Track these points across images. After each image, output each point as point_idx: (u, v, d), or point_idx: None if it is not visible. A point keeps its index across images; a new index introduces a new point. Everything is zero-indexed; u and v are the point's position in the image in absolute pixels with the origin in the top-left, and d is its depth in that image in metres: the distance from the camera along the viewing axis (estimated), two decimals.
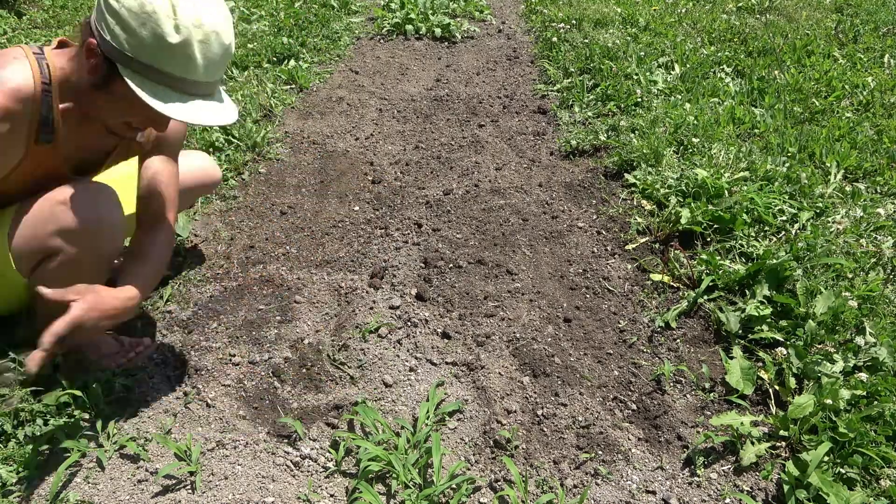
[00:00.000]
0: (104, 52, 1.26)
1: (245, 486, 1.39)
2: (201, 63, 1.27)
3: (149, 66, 1.25)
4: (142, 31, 1.21)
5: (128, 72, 1.26)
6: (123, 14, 1.21)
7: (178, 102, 1.28)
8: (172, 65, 1.25)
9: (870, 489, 1.43)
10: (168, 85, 1.27)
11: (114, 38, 1.23)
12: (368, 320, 1.95)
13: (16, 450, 1.39)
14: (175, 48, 1.23)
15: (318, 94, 3.70)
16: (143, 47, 1.23)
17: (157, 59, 1.24)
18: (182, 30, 1.23)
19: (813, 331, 1.79)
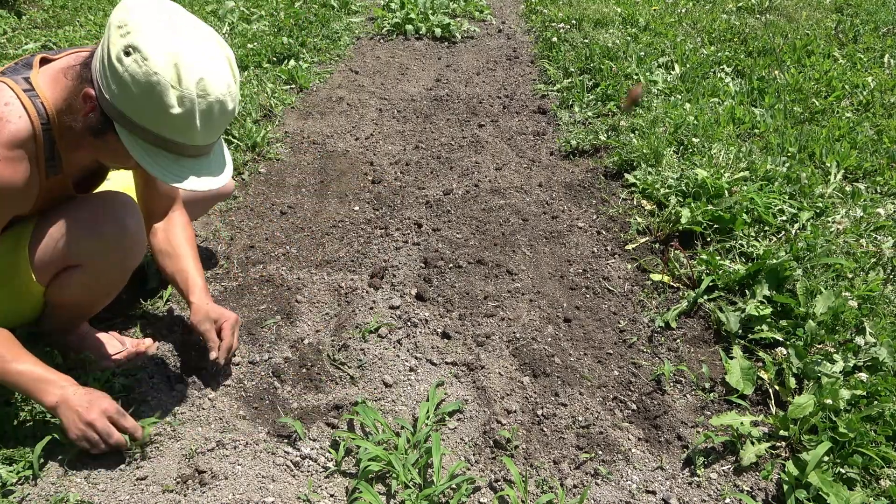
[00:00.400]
0: (102, 106, 1.23)
1: (245, 486, 1.39)
2: (200, 131, 1.25)
3: (146, 130, 1.23)
4: (144, 99, 1.19)
5: (124, 132, 1.24)
6: (126, 80, 1.18)
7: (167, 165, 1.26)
8: (171, 132, 1.23)
9: (870, 489, 1.43)
10: (163, 147, 1.25)
11: (114, 97, 1.21)
12: (368, 320, 1.95)
13: (16, 450, 1.39)
14: (176, 118, 1.21)
15: (318, 94, 3.70)
16: (143, 114, 1.21)
17: (156, 125, 1.22)
18: (186, 102, 1.20)
19: (813, 331, 1.79)
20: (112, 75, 1.19)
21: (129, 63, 1.17)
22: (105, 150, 1.34)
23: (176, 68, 1.18)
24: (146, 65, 1.16)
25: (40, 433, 1.44)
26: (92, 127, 1.27)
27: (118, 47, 1.17)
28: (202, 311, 1.62)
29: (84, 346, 1.67)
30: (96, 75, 1.23)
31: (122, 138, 1.24)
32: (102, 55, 1.21)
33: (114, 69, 1.18)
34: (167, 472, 1.41)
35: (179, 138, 1.24)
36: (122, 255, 1.47)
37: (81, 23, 4.43)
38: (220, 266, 2.18)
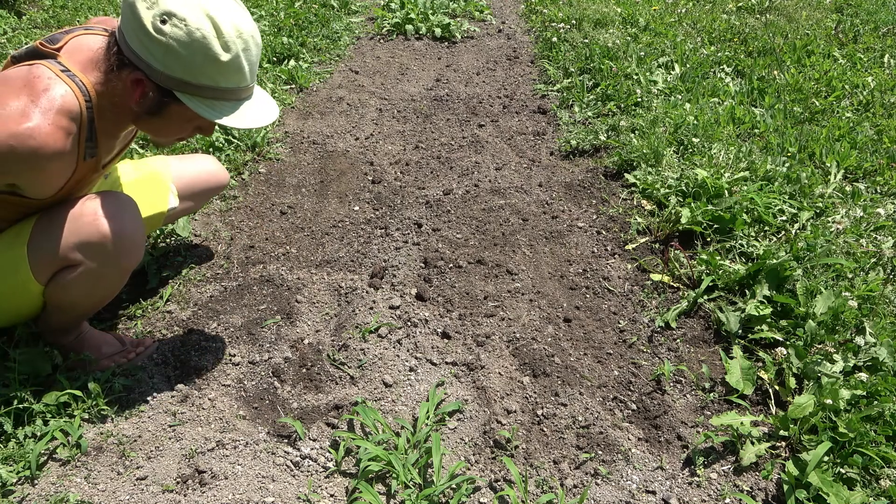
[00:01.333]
0: (156, 81, 1.29)
1: (245, 486, 1.39)
2: (247, 70, 1.35)
3: (203, 87, 1.30)
4: (194, 57, 1.26)
5: (185, 96, 1.31)
6: (173, 45, 1.24)
7: (231, 112, 1.35)
8: (225, 79, 1.32)
9: (870, 489, 1.43)
10: (221, 97, 1.33)
11: (166, 67, 1.27)
12: (368, 320, 1.95)
13: (16, 450, 1.39)
14: (227, 64, 1.29)
15: (318, 94, 3.70)
16: (198, 71, 1.28)
17: (211, 77, 1.30)
18: (230, 46, 1.28)
19: (813, 331, 1.79)
20: (157, 48, 1.24)
21: (170, 29, 1.23)
22: (168, 127, 1.42)
23: (211, 19, 1.25)
24: (186, 25, 1.23)
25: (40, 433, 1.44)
26: (150, 107, 1.34)
27: (151, 19, 1.22)
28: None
29: (84, 346, 1.67)
30: (138, 56, 1.27)
31: (187, 103, 1.31)
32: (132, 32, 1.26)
33: (157, 41, 1.23)
34: (167, 472, 1.41)
35: (233, 83, 1.33)
36: (120, 255, 1.47)
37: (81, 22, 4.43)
38: (221, 266, 2.18)
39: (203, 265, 2.18)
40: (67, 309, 1.55)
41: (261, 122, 1.38)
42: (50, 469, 1.40)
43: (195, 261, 2.19)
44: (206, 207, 2.49)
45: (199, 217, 2.43)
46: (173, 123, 1.41)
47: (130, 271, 1.55)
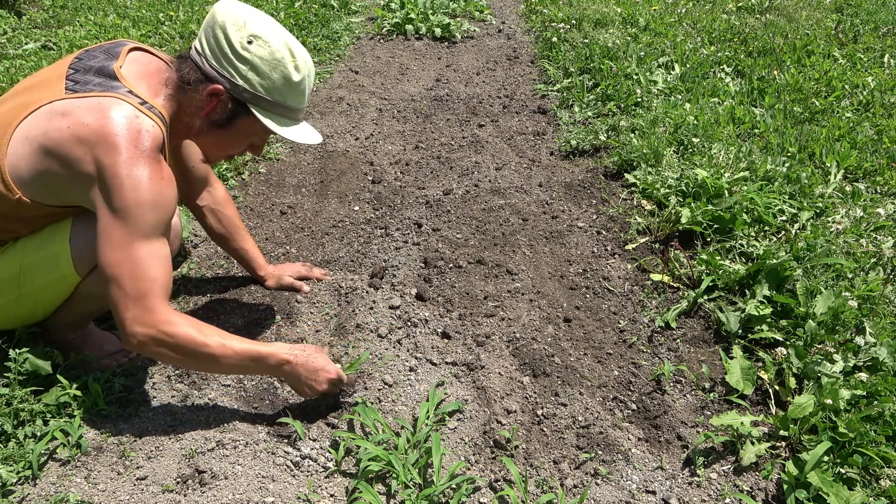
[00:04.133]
0: (233, 94, 1.43)
1: (245, 486, 1.39)
2: (306, 95, 1.53)
3: (274, 103, 1.46)
4: (273, 74, 1.43)
5: (257, 109, 1.46)
6: (257, 62, 1.41)
7: (294, 129, 1.52)
8: (293, 98, 1.48)
9: (870, 489, 1.43)
10: (284, 115, 1.50)
11: (247, 82, 1.42)
12: (368, 320, 1.95)
13: (16, 450, 1.39)
14: (297, 85, 1.47)
15: (318, 94, 3.70)
16: (274, 88, 1.44)
17: (283, 95, 1.46)
18: (301, 69, 1.47)
19: (813, 331, 1.79)
20: (241, 64, 1.41)
21: (256, 48, 1.40)
22: (228, 141, 1.54)
23: (287, 46, 1.44)
24: (269, 46, 1.41)
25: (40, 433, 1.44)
26: (219, 120, 1.47)
27: (239, 39, 1.39)
28: (271, 279, 2.07)
29: (87, 343, 1.67)
30: (217, 70, 1.41)
31: (259, 115, 1.45)
32: (217, 52, 1.41)
33: (242, 57, 1.40)
34: (167, 472, 1.41)
35: (296, 103, 1.50)
36: None
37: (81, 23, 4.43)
38: (221, 266, 2.18)
39: (203, 265, 2.18)
40: (97, 299, 1.56)
41: (313, 140, 1.56)
42: (50, 469, 1.40)
43: (195, 261, 2.19)
44: None
45: None
46: (235, 137, 1.53)
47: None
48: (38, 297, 1.52)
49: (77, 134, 1.31)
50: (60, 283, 1.50)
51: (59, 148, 1.32)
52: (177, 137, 1.54)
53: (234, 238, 1.97)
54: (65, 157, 1.32)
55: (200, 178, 1.89)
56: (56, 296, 1.54)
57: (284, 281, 2.06)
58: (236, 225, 1.97)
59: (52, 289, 1.51)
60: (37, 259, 1.47)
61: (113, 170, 1.30)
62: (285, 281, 2.06)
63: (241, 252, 2.00)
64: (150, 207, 1.34)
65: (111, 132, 1.31)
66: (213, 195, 1.92)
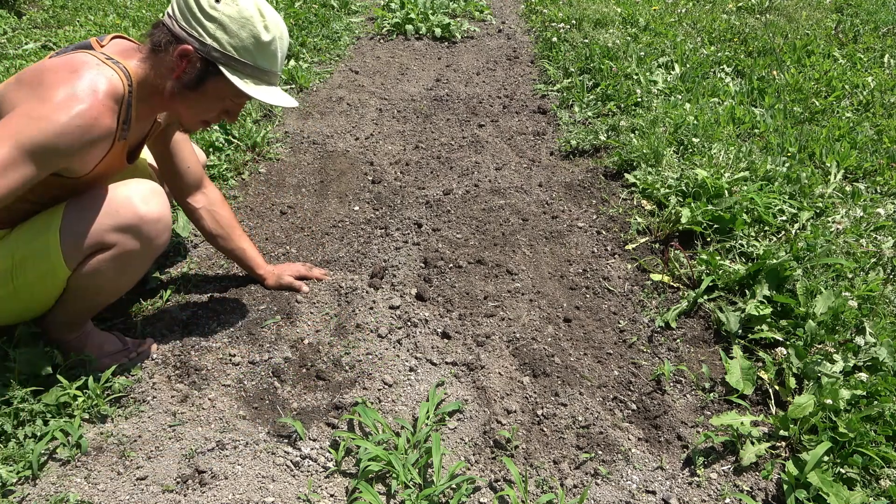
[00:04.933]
0: (202, 55, 1.43)
1: (245, 486, 1.39)
2: (280, 57, 1.52)
3: (244, 63, 1.45)
4: (241, 32, 1.42)
5: (227, 69, 1.45)
6: (225, 20, 1.41)
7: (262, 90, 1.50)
8: (263, 60, 1.47)
9: (870, 489, 1.43)
10: (256, 77, 1.49)
11: (215, 40, 1.42)
12: (368, 320, 1.95)
13: (16, 450, 1.39)
14: (267, 45, 1.46)
15: (318, 94, 3.70)
16: (243, 47, 1.44)
17: (252, 56, 1.46)
18: (271, 29, 1.46)
19: (813, 331, 1.79)
20: (209, 23, 1.40)
21: (223, 7, 1.40)
22: (200, 104, 1.52)
23: (256, 5, 1.43)
24: (237, 5, 1.41)
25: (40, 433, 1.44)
26: (189, 81, 1.46)
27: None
28: (271, 278, 2.07)
29: (85, 345, 1.67)
30: (187, 31, 1.42)
31: (228, 75, 1.44)
32: (186, 13, 1.41)
33: (210, 16, 1.40)
34: (167, 472, 1.41)
35: (268, 65, 1.49)
36: (154, 236, 1.52)
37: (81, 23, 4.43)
38: (221, 266, 2.18)
39: (203, 265, 2.18)
40: (90, 295, 1.56)
41: (286, 103, 1.54)
42: (50, 469, 1.40)
43: (195, 261, 2.19)
44: None
45: None
46: (207, 100, 1.52)
47: (159, 253, 1.59)
48: (32, 291, 1.52)
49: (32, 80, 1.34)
50: (52, 275, 1.49)
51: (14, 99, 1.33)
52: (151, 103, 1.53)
53: (231, 237, 1.97)
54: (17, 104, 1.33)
55: (195, 180, 1.89)
56: (50, 289, 1.53)
57: (284, 280, 2.06)
58: (232, 224, 1.97)
59: (44, 282, 1.51)
60: (28, 252, 1.47)
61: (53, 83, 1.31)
62: (285, 280, 2.06)
63: (238, 252, 2.00)
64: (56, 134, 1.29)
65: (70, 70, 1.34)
66: (208, 196, 1.93)
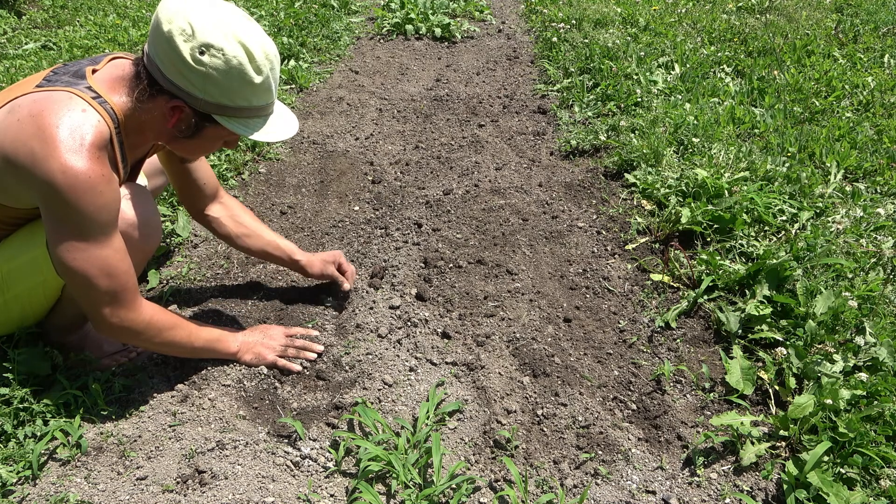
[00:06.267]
0: (195, 108, 1.37)
1: (245, 486, 1.39)
2: (273, 87, 1.43)
3: (239, 108, 1.38)
4: (232, 83, 1.33)
5: (222, 118, 1.39)
6: (213, 74, 1.31)
7: (261, 126, 1.44)
8: (257, 98, 1.40)
9: (870, 489, 1.43)
10: (253, 115, 1.42)
11: (206, 94, 1.34)
12: (368, 320, 1.95)
13: (16, 450, 1.39)
14: (259, 86, 1.38)
15: (318, 94, 3.70)
16: (235, 95, 1.36)
17: (246, 99, 1.38)
18: (262, 69, 1.36)
19: (813, 331, 1.79)
20: (196, 77, 1.31)
21: (209, 59, 1.30)
22: (200, 147, 1.50)
23: (243, 46, 1.32)
24: (223, 54, 1.30)
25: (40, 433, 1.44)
26: (184, 131, 1.42)
27: (189, 52, 1.29)
28: (316, 263, 1.96)
29: (86, 344, 1.67)
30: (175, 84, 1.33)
31: (224, 124, 1.39)
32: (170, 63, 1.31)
33: (196, 71, 1.30)
34: (167, 472, 1.41)
35: (263, 101, 1.42)
36: (143, 240, 1.51)
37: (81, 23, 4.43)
38: (221, 266, 2.18)
39: (203, 265, 2.18)
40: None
41: (287, 135, 1.48)
42: (50, 469, 1.40)
43: (195, 261, 2.19)
44: None
45: None
46: (207, 143, 1.49)
47: (150, 256, 1.59)
48: (24, 302, 1.51)
49: (22, 127, 1.27)
50: (44, 286, 1.49)
51: (5, 142, 1.27)
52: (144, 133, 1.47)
53: (260, 234, 1.91)
54: (6, 152, 1.27)
55: (212, 193, 1.87)
56: (43, 300, 1.53)
57: (328, 271, 1.97)
58: (257, 222, 1.93)
59: (37, 293, 1.50)
60: (16, 265, 1.46)
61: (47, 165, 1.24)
62: (328, 271, 1.97)
63: (271, 246, 1.92)
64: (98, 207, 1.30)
65: (50, 126, 1.26)
66: (226, 204, 1.90)
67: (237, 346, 1.69)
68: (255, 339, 1.73)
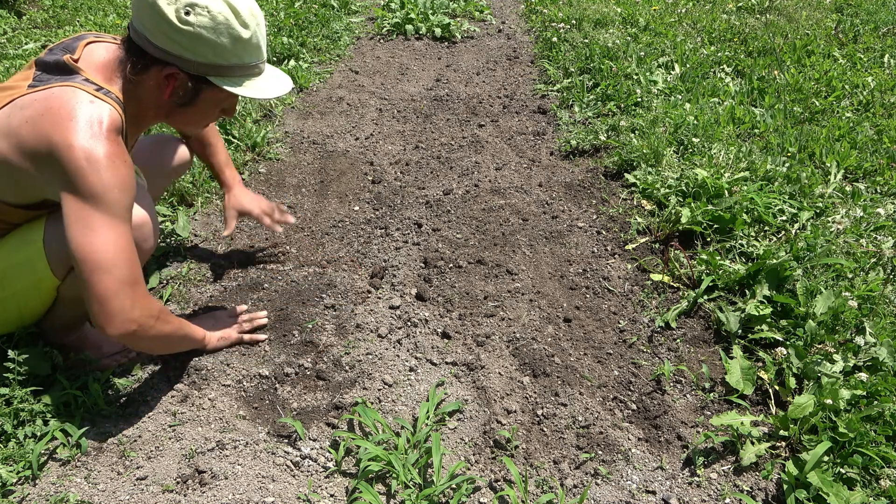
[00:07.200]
0: (189, 72, 1.38)
1: (245, 486, 1.39)
2: (262, 44, 1.45)
3: (232, 66, 1.40)
4: (221, 39, 1.35)
5: (218, 79, 1.40)
6: (201, 32, 1.33)
7: (257, 85, 1.45)
8: (248, 55, 1.42)
9: (870, 489, 1.43)
10: (246, 74, 1.43)
11: (197, 55, 1.35)
12: (368, 320, 1.95)
13: (16, 450, 1.39)
14: (248, 41, 1.39)
15: (318, 94, 3.70)
16: (226, 52, 1.37)
17: (237, 56, 1.39)
18: (248, 23, 1.38)
19: (813, 331, 1.79)
20: (185, 38, 1.32)
21: (195, 18, 1.31)
22: (198, 115, 1.51)
23: (227, 3, 1.34)
24: (209, 11, 1.32)
25: (40, 433, 1.44)
26: (181, 98, 1.43)
27: (175, 13, 1.30)
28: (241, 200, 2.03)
29: (85, 344, 1.67)
30: (166, 51, 1.34)
31: (221, 84, 1.40)
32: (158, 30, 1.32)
33: (184, 32, 1.32)
34: (167, 472, 1.41)
35: (254, 58, 1.43)
36: (142, 239, 1.51)
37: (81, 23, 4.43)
38: (221, 266, 2.18)
39: (203, 265, 2.18)
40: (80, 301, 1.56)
41: (282, 91, 1.49)
42: (50, 469, 1.40)
43: (195, 261, 2.19)
44: (206, 207, 2.49)
45: (199, 217, 2.43)
46: (204, 109, 1.49)
47: (147, 257, 1.59)
48: (19, 302, 1.51)
49: (35, 122, 1.29)
50: (39, 287, 1.49)
51: (18, 139, 1.30)
52: (144, 121, 1.51)
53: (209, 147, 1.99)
54: (24, 147, 1.30)
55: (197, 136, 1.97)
56: (38, 300, 1.53)
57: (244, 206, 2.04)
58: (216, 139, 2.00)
59: (31, 293, 1.50)
60: (10, 265, 1.46)
61: (71, 153, 1.27)
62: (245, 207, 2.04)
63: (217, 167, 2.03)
64: (119, 190, 1.32)
65: (67, 117, 1.29)
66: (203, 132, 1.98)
67: (202, 334, 1.70)
68: (211, 324, 1.78)
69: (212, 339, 1.74)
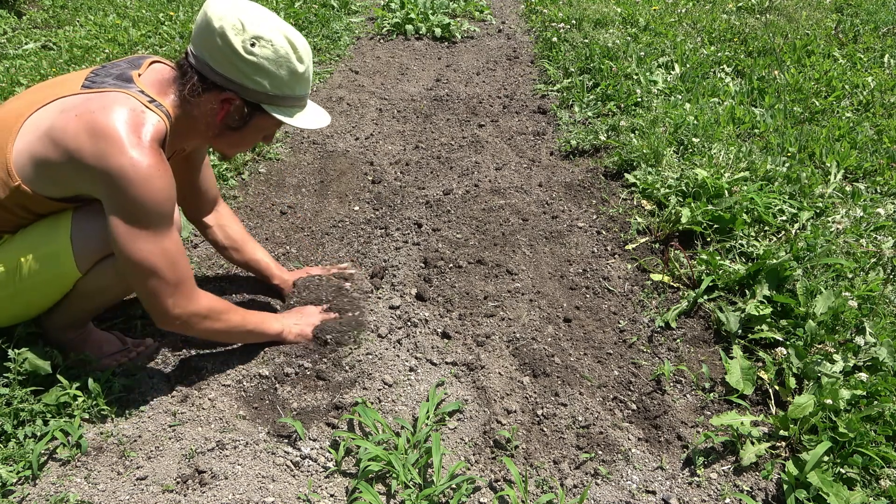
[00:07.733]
0: (245, 99, 1.46)
1: (245, 486, 1.39)
2: (311, 78, 1.55)
3: (285, 97, 1.49)
4: (280, 71, 1.44)
5: (271, 107, 1.48)
6: (264, 64, 1.42)
7: (304, 116, 1.55)
8: (300, 88, 1.52)
9: (870, 489, 1.43)
10: (294, 105, 1.53)
11: (256, 84, 1.44)
12: (368, 320, 1.95)
13: (16, 450, 1.39)
14: (303, 75, 1.50)
15: (318, 94, 3.70)
16: (283, 84, 1.46)
17: (291, 88, 1.49)
18: (304, 58, 1.48)
19: (813, 331, 1.79)
20: (248, 67, 1.41)
21: (260, 50, 1.41)
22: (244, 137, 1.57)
23: (287, 38, 1.44)
24: (272, 45, 1.42)
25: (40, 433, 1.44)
26: (234, 122, 1.51)
27: (242, 44, 1.39)
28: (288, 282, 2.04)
29: (85, 345, 1.67)
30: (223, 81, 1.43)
31: (273, 112, 1.48)
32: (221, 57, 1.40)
33: (248, 62, 1.41)
34: (167, 472, 1.41)
35: (304, 90, 1.54)
36: None
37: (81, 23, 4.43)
38: (221, 266, 2.18)
39: (203, 265, 2.18)
40: (94, 296, 1.57)
41: (324, 123, 1.60)
42: (50, 469, 1.40)
43: (195, 261, 2.19)
44: None
45: None
46: (250, 135, 1.56)
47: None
48: (33, 294, 1.52)
49: (82, 124, 1.34)
50: (59, 280, 1.50)
51: (63, 137, 1.34)
52: (189, 138, 1.56)
53: (244, 249, 1.98)
54: (68, 147, 1.34)
55: (212, 199, 1.92)
56: (53, 293, 1.54)
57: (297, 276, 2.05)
58: (244, 237, 1.99)
59: (49, 286, 1.51)
60: (35, 256, 1.47)
61: (116, 160, 1.32)
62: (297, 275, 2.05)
63: (253, 262, 2.01)
64: (163, 199, 1.38)
65: (114, 123, 1.34)
66: (220, 213, 1.96)
67: (280, 327, 1.79)
68: (293, 321, 1.84)
69: (290, 334, 1.82)
